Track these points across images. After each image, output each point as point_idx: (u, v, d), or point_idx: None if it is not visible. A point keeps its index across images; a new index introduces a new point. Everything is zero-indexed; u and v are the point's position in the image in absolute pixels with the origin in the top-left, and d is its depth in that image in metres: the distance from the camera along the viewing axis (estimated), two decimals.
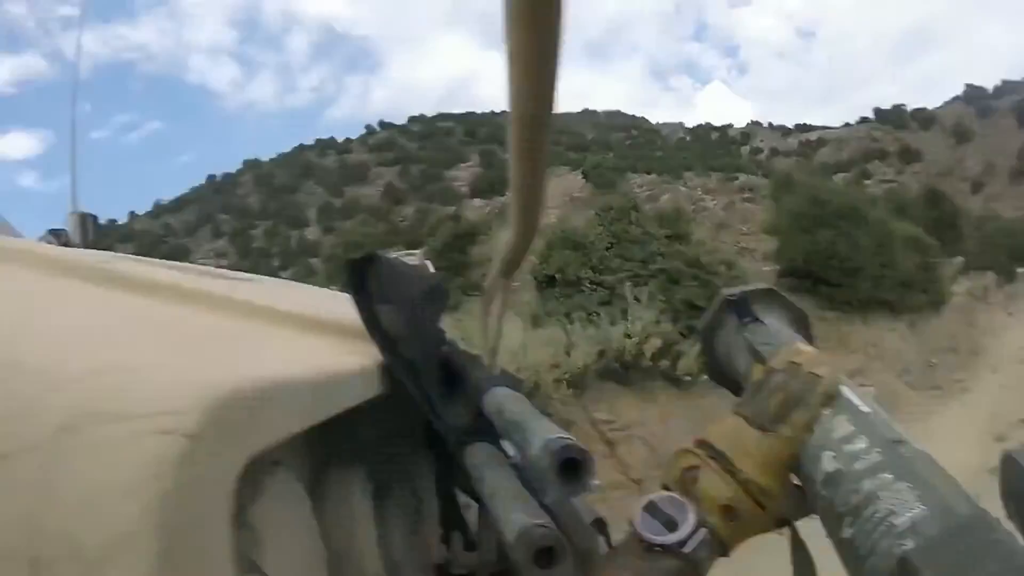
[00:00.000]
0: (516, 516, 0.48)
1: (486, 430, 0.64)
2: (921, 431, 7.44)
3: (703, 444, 0.52)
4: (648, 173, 29.99)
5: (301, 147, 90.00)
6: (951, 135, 69.85)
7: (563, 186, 29.85)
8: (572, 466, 0.47)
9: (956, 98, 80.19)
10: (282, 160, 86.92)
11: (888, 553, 0.38)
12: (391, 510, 0.65)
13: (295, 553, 0.48)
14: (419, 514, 0.71)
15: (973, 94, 75.34)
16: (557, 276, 8.21)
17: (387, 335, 0.61)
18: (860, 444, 0.47)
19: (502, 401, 0.60)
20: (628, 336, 6.51)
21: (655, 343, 6.59)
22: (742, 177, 23.77)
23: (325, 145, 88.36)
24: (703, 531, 0.47)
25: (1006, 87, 73.88)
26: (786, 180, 13.76)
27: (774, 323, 0.68)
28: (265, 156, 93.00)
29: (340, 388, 0.52)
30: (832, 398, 0.51)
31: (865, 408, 0.50)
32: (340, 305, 0.71)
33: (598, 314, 6.92)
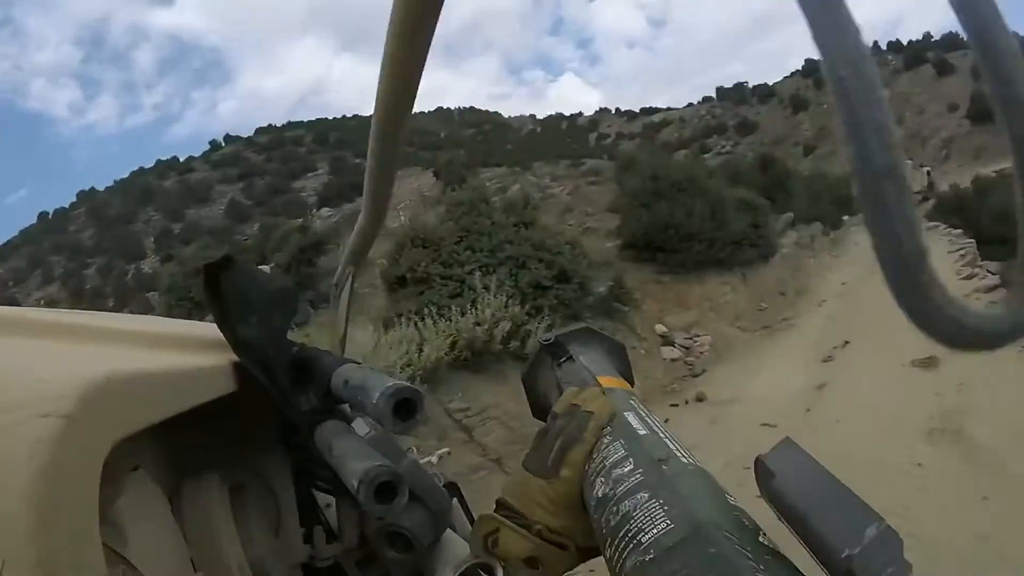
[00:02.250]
0: (360, 465, 0.54)
1: (335, 409, 0.68)
2: (754, 366, 8.38)
3: (501, 504, 0.55)
4: (498, 166, 30.82)
5: (140, 171, 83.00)
6: (788, 106, 75.25)
7: (415, 185, 29.40)
8: (408, 407, 0.52)
9: (795, 72, 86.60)
10: (119, 187, 79.97)
11: (633, 569, 0.41)
12: (250, 510, 0.70)
13: (158, 549, 0.52)
14: (278, 512, 0.76)
15: (811, 67, 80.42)
16: (407, 276, 8.18)
17: (239, 334, 0.66)
18: (627, 467, 0.49)
19: (347, 373, 0.64)
20: (478, 324, 6.74)
21: (504, 327, 6.88)
22: (589, 162, 24.51)
23: (166, 166, 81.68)
24: None
25: None
26: (628, 161, 14.54)
27: (591, 358, 0.71)
28: (101, 185, 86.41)
29: (198, 382, 0.57)
30: (602, 429, 0.55)
31: (642, 431, 0.53)
32: (195, 328, 0.77)
33: (449, 308, 7.05)
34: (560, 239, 8.81)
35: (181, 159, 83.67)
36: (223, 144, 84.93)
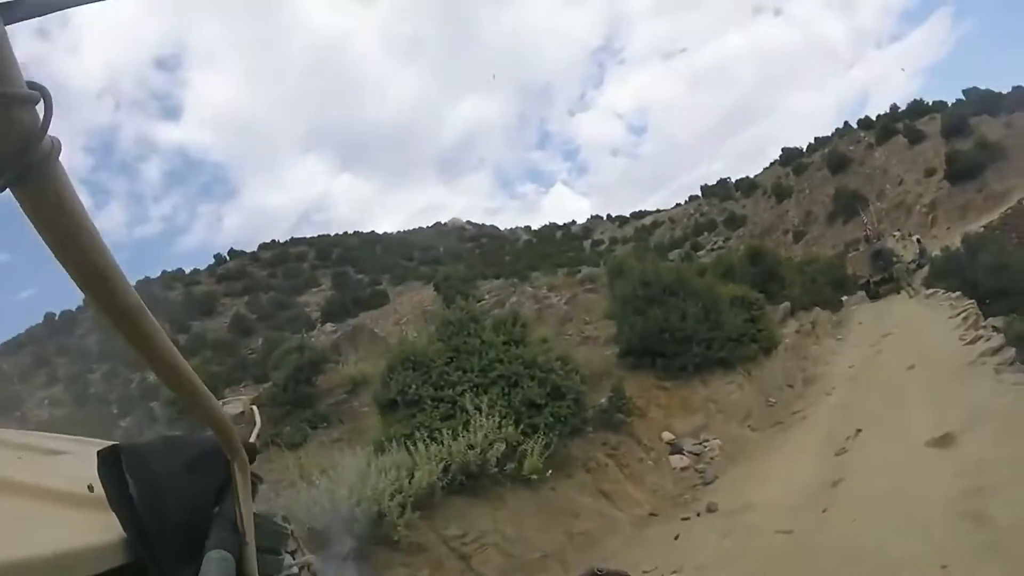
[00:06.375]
0: None
1: None
2: (766, 467, 8.07)
3: None
4: (496, 278, 31.16)
5: (146, 280, 79.87)
6: (771, 195, 76.92)
7: (416, 299, 29.90)
8: None
9: (774, 162, 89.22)
10: None
11: None
12: None
13: None
14: None
15: (789, 156, 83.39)
16: (398, 398, 8.09)
17: (134, 510, 0.65)
18: None
19: (208, 561, 0.65)
20: (471, 447, 6.64)
21: (499, 448, 6.74)
22: (584, 270, 24.93)
23: (171, 277, 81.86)
24: None
25: (817, 143, 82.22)
26: (618, 268, 14.65)
27: None
28: None
29: (78, 562, 0.56)
30: None
31: None
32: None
33: (440, 431, 6.98)
34: (551, 355, 8.65)
35: (187, 271, 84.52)
36: (228, 258, 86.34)
